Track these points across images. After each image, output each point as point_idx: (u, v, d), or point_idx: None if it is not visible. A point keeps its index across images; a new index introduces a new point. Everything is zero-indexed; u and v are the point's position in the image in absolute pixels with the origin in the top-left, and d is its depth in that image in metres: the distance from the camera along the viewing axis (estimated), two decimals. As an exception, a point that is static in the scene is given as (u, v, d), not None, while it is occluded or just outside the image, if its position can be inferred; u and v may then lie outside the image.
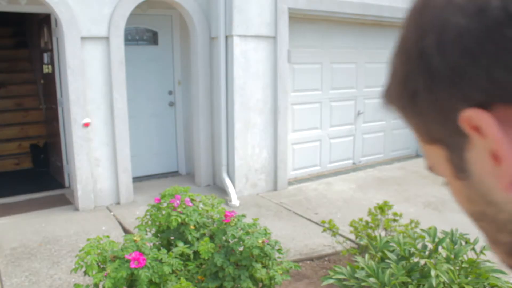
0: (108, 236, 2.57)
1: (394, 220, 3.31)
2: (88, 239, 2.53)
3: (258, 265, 2.50)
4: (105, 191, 4.85)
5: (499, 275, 2.40)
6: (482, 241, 2.77)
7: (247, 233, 2.53)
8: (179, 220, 2.66)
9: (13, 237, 4.00)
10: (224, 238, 2.62)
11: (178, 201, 2.76)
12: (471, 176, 0.38)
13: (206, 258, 2.50)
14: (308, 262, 3.68)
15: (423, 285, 2.30)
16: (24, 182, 5.86)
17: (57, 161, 5.72)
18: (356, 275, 2.42)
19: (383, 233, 3.28)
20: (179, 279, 2.38)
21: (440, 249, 2.54)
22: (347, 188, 5.60)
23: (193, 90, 5.46)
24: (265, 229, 2.62)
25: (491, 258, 2.65)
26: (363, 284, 2.36)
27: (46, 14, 5.27)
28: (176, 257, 2.42)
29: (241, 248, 2.53)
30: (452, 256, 2.44)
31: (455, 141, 0.37)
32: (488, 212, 0.40)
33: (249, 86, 5.13)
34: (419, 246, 2.60)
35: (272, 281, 2.54)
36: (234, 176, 5.18)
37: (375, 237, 2.83)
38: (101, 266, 2.40)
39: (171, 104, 5.92)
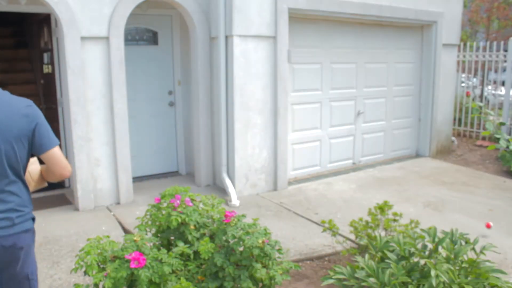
0: (108, 236, 2.57)
1: (394, 220, 3.31)
2: (88, 239, 2.53)
3: (258, 265, 2.50)
4: (105, 191, 4.85)
5: (499, 275, 2.40)
6: (482, 241, 2.77)
7: (247, 233, 2.53)
8: (179, 220, 2.65)
9: (13, 237, 4.00)
10: (224, 238, 2.62)
11: (178, 201, 2.76)
12: None
13: (206, 258, 2.50)
14: (308, 262, 3.68)
15: (423, 285, 2.30)
16: (24, 182, 5.85)
17: (57, 161, 5.71)
18: (356, 275, 2.42)
19: (383, 233, 3.28)
20: (179, 279, 2.38)
21: (440, 249, 2.54)
22: (347, 188, 5.60)
23: (193, 90, 5.47)
24: (265, 229, 2.62)
25: (491, 258, 2.65)
26: (363, 284, 2.36)
27: (46, 14, 5.27)
28: (176, 257, 2.42)
29: (241, 248, 2.53)
30: (452, 256, 2.45)
31: None
32: None
33: (249, 86, 5.13)
34: (419, 246, 2.60)
35: (272, 281, 2.54)
36: (234, 176, 5.18)
37: (375, 237, 2.83)
38: (101, 266, 2.40)
39: (171, 104, 5.92)
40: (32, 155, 1.98)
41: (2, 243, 1.83)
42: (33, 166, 2.08)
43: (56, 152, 1.94)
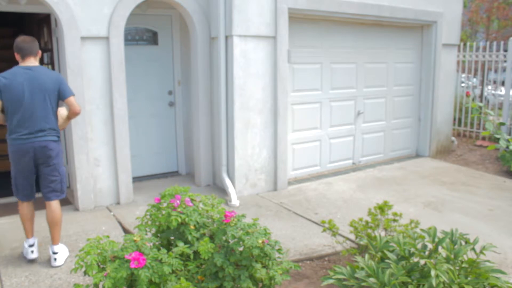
0: (108, 236, 2.57)
1: (394, 220, 3.31)
2: (88, 239, 2.53)
3: (258, 265, 2.50)
4: (105, 191, 4.85)
5: (499, 275, 2.40)
6: (482, 241, 2.77)
7: (247, 233, 2.53)
8: (179, 220, 2.65)
9: (13, 237, 4.00)
10: (224, 238, 2.62)
11: (178, 201, 2.76)
12: None
13: (206, 258, 2.50)
14: (308, 262, 3.68)
15: (423, 285, 2.30)
16: (24, 182, 5.83)
17: (57, 161, 5.72)
18: (356, 275, 2.42)
19: (383, 233, 3.28)
20: (179, 279, 2.38)
21: (440, 249, 2.54)
22: (347, 188, 5.60)
23: (193, 90, 5.47)
24: (265, 229, 2.62)
25: (491, 258, 2.65)
26: (363, 284, 2.36)
27: (46, 14, 5.27)
28: (176, 257, 2.42)
29: (241, 248, 2.53)
30: (452, 256, 2.45)
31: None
32: None
33: (249, 86, 5.13)
34: (419, 246, 2.60)
35: (272, 281, 2.54)
36: (234, 176, 5.18)
37: (375, 237, 2.83)
38: (101, 266, 2.40)
39: (171, 104, 5.92)
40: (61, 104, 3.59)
41: (40, 144, 3.40)
42: (62, 111, 3.63)
43: (71, 99, 3.48)
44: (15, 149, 3.40)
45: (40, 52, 3.54)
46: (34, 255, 3.53)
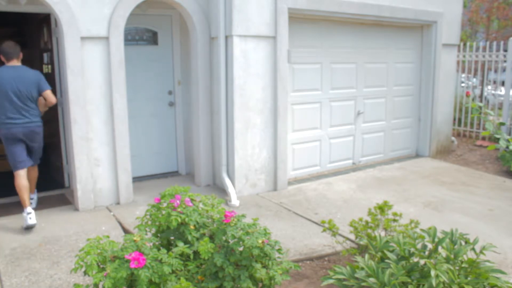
0: (108, 236, 2.57)
1: (394, 220, 3.31)
2: (88, 239, 2.53)
3: (258, 265, 2.50)
4: (105, 191, 4.85)
5: (499, 275, 2.40)
6: (482, 241, 2.77)
7: (247, 233, 2.53)
8: (179, 220, 2.65)
9: (13, 237, 4.00)
10: (224, 238, 2.62)
11: (178, 201, 2.76)
12: None
13: (206, 258, 2.50)
14: (308, 262, 3.68)
15: (423, 285, 2.30)
16: (24, 182, 5.83)
17: (57, 161, 5.72)
18: (356, 275, 2.42)
19: (383, 233, 3.28)
20: (179, 279, 2.38)
21: (440, 249, 2.54)
22: (347, 188, 5.60)
23: (193, 90, 5.47)
24: (265, 229, 2.62)
25: (491, 258, 2.65)
26: (363, 284, 2.36)
27: (46, 14, 5.27)
28: (176, 257, 2.42)
29: (241, 248, 2.53)
30: (452, 256, 2.45)
31: None
32: None
33: (249, 86, 5.13)
34: (419, 246, 2.60)
35: (272, 281, 2.54)
36: (234, 176, 5.18)
37: (375, 237, 2.83)
38: (101, 266, 2.40)
39: (171, 104, 5.91)
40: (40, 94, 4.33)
41: (29, 129, 4.25)
42: (41, 100, 4.39)
43: (47, 92, 4.30)
44: (6, 132, 4.20)
45: (21, 54, 4.31)
46: (32, 221, 4.10)
